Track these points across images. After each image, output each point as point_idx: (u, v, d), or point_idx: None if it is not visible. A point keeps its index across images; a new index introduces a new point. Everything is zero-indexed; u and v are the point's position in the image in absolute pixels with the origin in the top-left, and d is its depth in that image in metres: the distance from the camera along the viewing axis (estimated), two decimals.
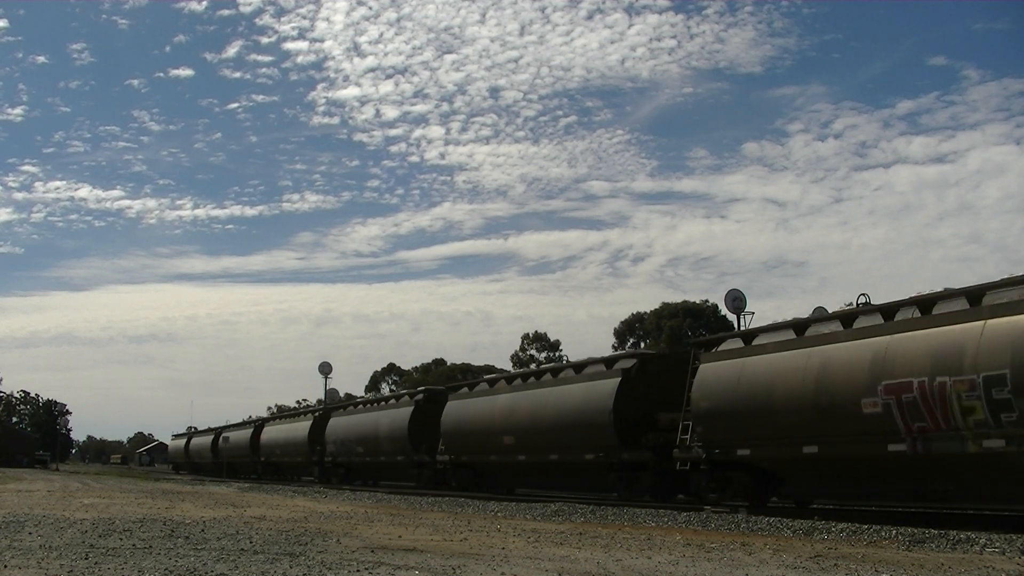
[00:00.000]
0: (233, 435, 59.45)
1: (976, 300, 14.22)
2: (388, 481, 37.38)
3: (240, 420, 73.20)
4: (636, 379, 21.86)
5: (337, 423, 40.90)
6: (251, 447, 53.59)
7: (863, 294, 17.88)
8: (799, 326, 17.67)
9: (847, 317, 16.69)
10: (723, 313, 57.22)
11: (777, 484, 18.01)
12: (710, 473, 18.76)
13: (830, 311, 18.79)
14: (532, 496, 25.25)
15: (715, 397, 18.38)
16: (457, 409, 29.61)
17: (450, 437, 29.56)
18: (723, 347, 19.41)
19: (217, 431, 64.53)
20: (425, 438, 31.60)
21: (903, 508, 17.13)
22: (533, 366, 62.56)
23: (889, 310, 15.75)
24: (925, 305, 15.13)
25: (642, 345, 66.43)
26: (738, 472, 18.16)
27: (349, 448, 38.70)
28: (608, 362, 23.75)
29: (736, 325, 34.76)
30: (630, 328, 71.39)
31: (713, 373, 18.72)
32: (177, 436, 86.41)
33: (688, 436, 19.01)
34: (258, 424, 56.83)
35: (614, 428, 21.48)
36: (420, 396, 34.20)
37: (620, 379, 21.89)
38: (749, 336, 19.08)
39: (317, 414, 44.68)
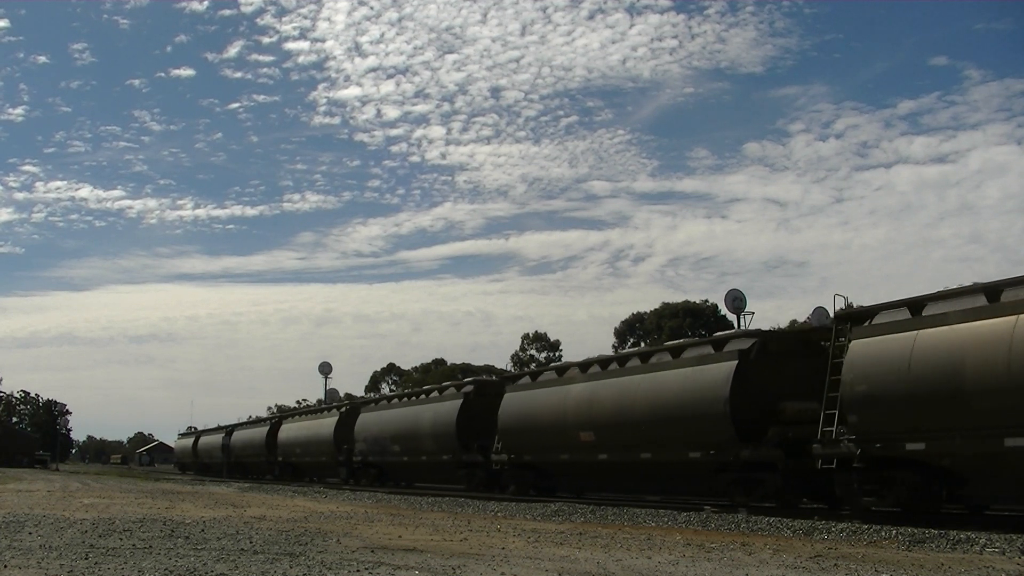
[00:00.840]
0: (245, 433, 56.49)
1: None
2: (429, 484, 34.19)
3: (247, 419, 71.29)
4: (756, 362, 18.67)
5: (368, 419, 37.53)
6: (267, 446, 49.83)
7: None
8: (993, 290, 14.59)
9: None
10: (723, 313, 57.32)
11: (954, 485, 15.08)
12: (865, 473, 15.76)
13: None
14: (546, 498, 25.17)
15: (875, 379, 15.38)
16: (519, 402, 26.41)
17: (509, 434, 26.40)
18: (881, 319, 16.34)
19: (228, 429, 61.01)
20: (476, 435, 28.47)
21: (903, 508, 17.05)
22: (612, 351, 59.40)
23: None
24: None
25: (642, 345, 66.40)
26: (904, 471, 15.25)
27: (383, 446, 35.45)
28: (717, 343, 20.22)
29: (736, 325, 34.75)
30: (630, 328, 71.41)
31: (872, 350, 15.70)
32: (184, 435, 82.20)
33: (833, 428, 16.14)
34: (275, 421, 52.58)
35: (731, 421, 18.32)
36: (469, 388, 30.86)
37: (737, 362, 18.65)
38: (916, 305, 15.91)
39: (344, 409, 40.89)
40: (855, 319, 16.94)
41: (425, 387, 38.45)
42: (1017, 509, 15.81)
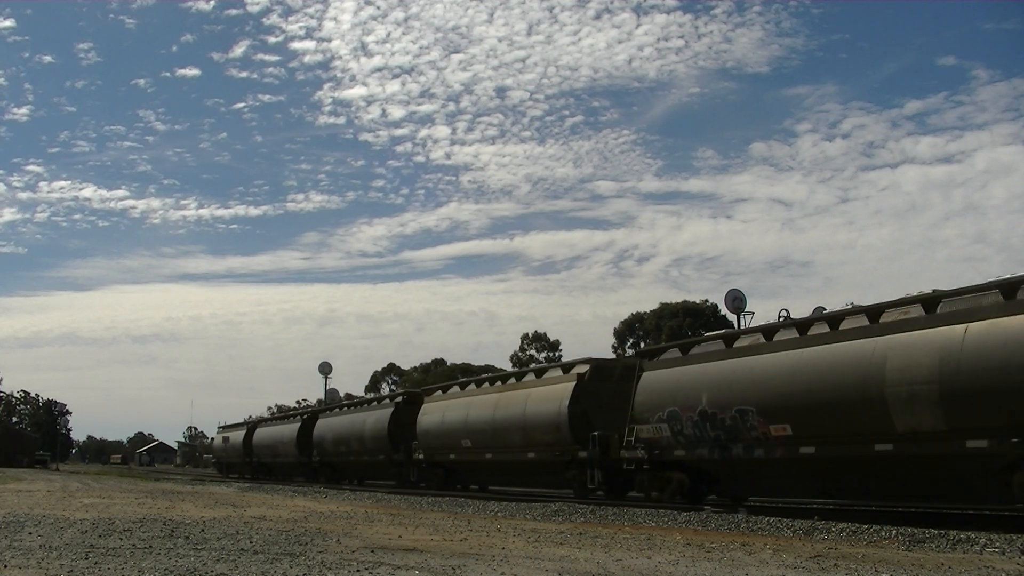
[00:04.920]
0: (269, 431, 50.14)
1: None
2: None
3: (244, 419, 67.32)
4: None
5: (435, 407, 34.68)
6: (297, 444, 44.21)
7: None
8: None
9: None
10: (723, 313, 57.30)
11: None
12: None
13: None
14: (535, 497, 25.18)
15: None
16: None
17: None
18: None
19: (309, 415, 47.27)
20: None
21: (903, 508, 17.09)
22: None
23: None
24: None
25: (642, 345, 66.41)
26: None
27: (460, 440, 35.28)
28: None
29: (736, 325, 34.79)
30: (630, 328, 71.40)
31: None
32: (228, 427, 64.10)
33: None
34: (307, 417, 46.05)
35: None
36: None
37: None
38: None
39: (400, 400, 36.60)
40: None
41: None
42: (1017, 509, 15.79)
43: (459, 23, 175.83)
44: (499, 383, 28.68)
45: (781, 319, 18.62)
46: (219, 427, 65.46)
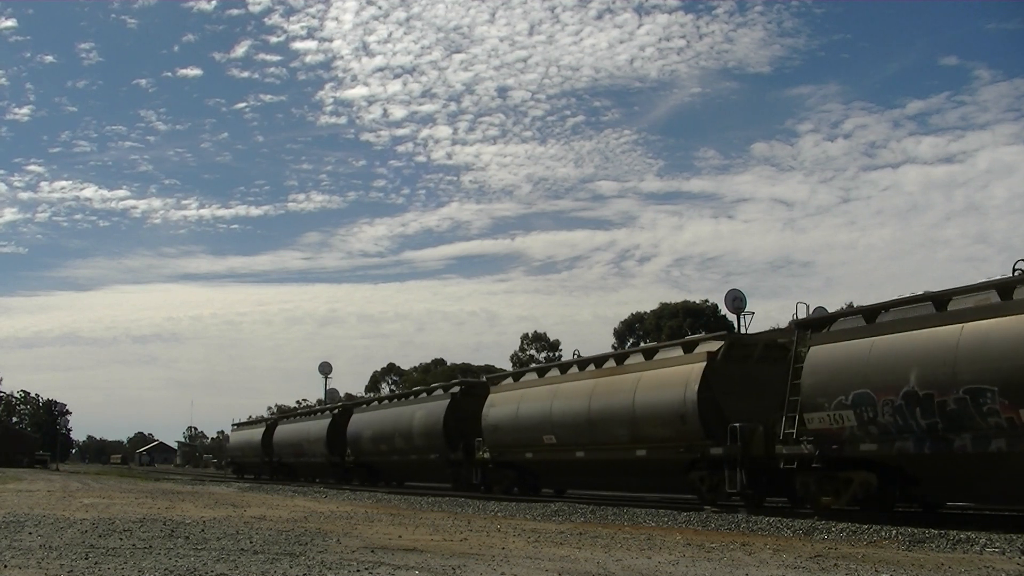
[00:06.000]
0: (289, 428, 46.69)
1: None
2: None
3: (247, 418, 64.63)
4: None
5: (503, 399, 34.18)
6: (327, 443, 40.34)
7: None
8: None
9: None
10: (723, 313, 57.32)
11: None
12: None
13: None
14: (534, 497, 25.16)
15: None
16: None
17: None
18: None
19: (340, 410, 42.75)
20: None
21: (903, 508, 17.06)
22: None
23: None
24: None
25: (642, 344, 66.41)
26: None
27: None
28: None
29: (736, 325, 34.79)
30: (630, 328, 71.40)
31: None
32: (244, 425, 60.69)
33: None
34: (337, 412, 41.91)
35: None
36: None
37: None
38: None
39: (457, 390, 32.34)
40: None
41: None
42: (1017, 509, 15.81)
43: (461, 23, 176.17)
44: (592, 367, 24.05)
45: (1018, 272, 14.31)
46: (233, 424, 62.79)
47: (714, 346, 19.67)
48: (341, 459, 39.08)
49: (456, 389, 31.53)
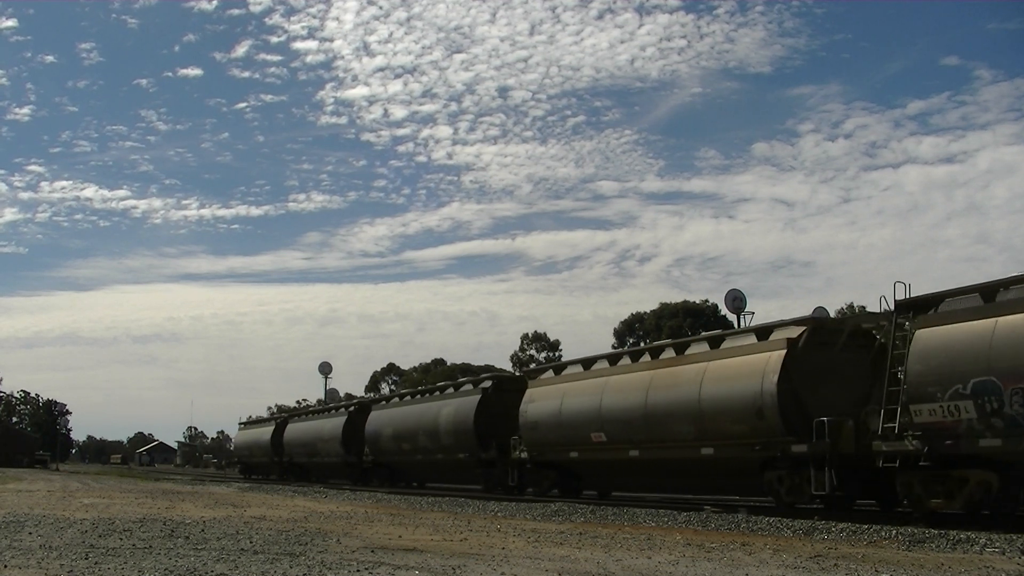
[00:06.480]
0: (300, 427, 44.48)
1: None
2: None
3: (248, 418, 64.38)
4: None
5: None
6: (343, 443, 38.89)
7: None
8: None
9: None
10: (723, 313, 57.33)
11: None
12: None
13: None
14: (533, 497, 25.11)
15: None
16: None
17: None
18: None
19: (357, 407, 41.27)
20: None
21: (903, 508, 17.02)
22: None
23: None
24: None
25: (641, 345, 66.43)
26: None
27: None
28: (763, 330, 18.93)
29: (736, 325, 34.78)
30: (630, 328, 71.40)
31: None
32: (252, 423, 59.67)
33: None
34: (353, 410, 40.14)
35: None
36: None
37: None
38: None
39: (488, 386, 30.22)
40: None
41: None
42: (1017, 509, 15.76)
43: (461, 23, 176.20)
44: (647, 357, 21.89)
45: None
46: (240, 423, 61.62)
47: (794, 332, 17.80)
48: (358, 459, 37.24)
49: (487, 384, 29.76)
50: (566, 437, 23.19)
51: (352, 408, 40.46)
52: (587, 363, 24.40)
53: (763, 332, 18.76)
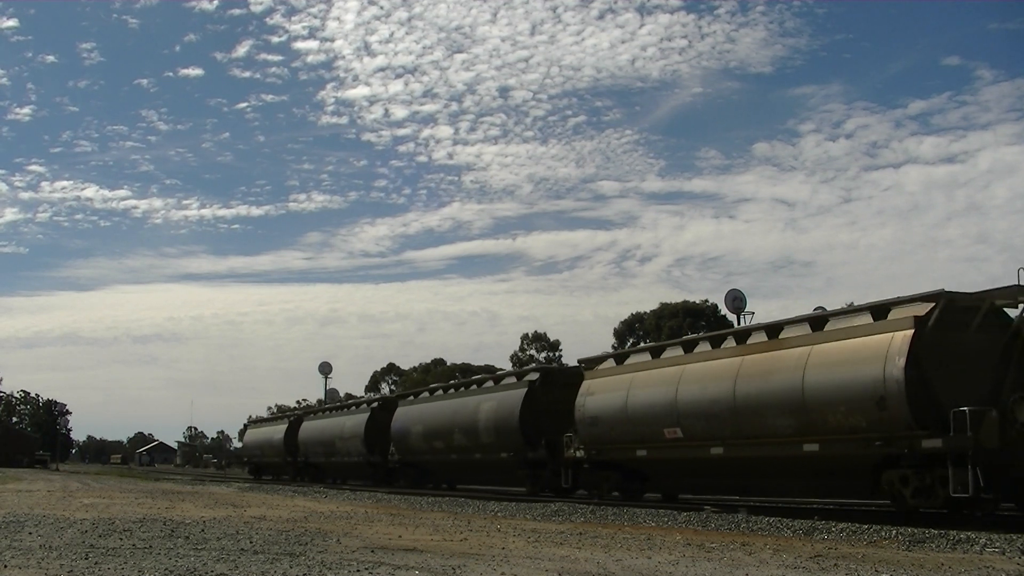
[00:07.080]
0: (316, 424, 42.84)
1: None
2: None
3: (252, 417, 63.71)
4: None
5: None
6: (365, 441, 36.20)
7: None
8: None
9: None
10: (723, 313, 57.31)
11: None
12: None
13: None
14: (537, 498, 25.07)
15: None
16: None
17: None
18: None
19: (380, 403, 38.78)
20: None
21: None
22: None
23: None
24: None
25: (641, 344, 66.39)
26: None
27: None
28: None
29: (736, 325, 34.79)
30: (630, 328, 71.40)
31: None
32: (261, 422, 57.34)
33: None
34: (376, 406, 37.90)
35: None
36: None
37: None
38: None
39: (536, 378, 27.25)
40: None
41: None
42: (1017, 509, 15.76)
43: (462, 23, 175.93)
44: (730, 342, 19.46)
45: None
46: (248, 422, 59.02)
47: (922, 309, 15.27)
48: (383, 459, 34.79)
49: (533, 376, 26.99)
50: (633, 433, 20.81)
51: (375, 404, 38.24)
52: (656, 351, 22.09)
53: (880, 310, 16.32)
